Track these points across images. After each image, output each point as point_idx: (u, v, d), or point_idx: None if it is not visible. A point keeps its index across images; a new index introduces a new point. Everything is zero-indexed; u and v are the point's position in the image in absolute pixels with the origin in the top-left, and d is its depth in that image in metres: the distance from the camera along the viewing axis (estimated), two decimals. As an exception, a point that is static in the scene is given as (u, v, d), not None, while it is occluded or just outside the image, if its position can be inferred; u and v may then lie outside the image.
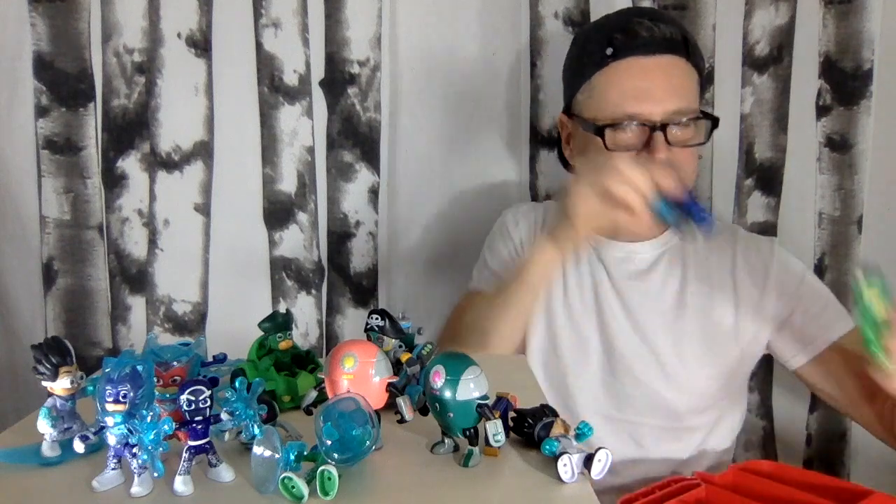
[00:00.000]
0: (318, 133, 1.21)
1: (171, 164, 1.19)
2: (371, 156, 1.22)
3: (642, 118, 0.93)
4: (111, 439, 0.51)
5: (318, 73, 1.19)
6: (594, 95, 0.98)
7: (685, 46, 0.97)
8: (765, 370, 1.22)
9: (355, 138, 1.21)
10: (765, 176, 1.21)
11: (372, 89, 1.19)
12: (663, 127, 0.93)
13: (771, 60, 1.18)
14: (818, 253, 1.21)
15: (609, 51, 0.96)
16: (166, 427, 0.51)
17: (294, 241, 1.23)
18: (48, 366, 0.57)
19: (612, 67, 0.95)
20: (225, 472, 0.54)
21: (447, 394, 0.54)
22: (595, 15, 1.17)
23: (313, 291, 1.24)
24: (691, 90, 0.98)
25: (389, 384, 0.60)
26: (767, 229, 1.22)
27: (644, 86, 0.94)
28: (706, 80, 1.17)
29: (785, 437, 1.26)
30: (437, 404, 0.56)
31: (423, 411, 0.61)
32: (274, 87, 1.19)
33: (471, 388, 0.54)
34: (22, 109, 1.17)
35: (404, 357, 0.65)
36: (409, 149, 1.23)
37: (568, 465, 0.52)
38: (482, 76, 1.20)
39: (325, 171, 1.22)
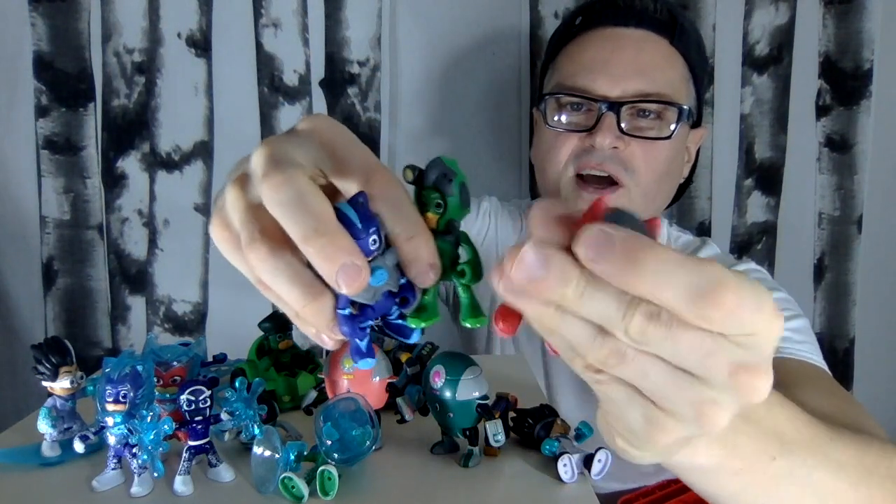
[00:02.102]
0: (319, 133, 1.21)
1: (171, 164, 1.19)
2: (371, 156, 1.21)
3: (595, 93, 0.77)
4: (111, 439, 0.51)
5: (318, 73, 1.18)
6: (554, 73, 0.84)
7: (671, 28, 0.80)
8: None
9: (355, 138, 1.21)
10: (765, 176, 1.21)
11: (372, 89, 1.19)
12: (619, 109, 0.76)
13: (771, 60, 1.18)
14: (818, 253, 1.21)
15: (578, 20, 0.82)
16: (166, 427, 0.51)
17: (294, 241, 1.23)
18: (48, 366, 0.57)
19: (579, 38, 0.81)
20: (225, 472, 0.54)
21: (447, 394, 0.54)
22: (595, 15, 1.16)
23: (313, 291, 1.24)
24: (668, 78, 0.79)
25: (389, 384, 0.61)
26: (767, 229, 1.22)
27: (603, 56, 0.78)
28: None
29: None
30: (437, 404, 0.56)
31: (423, 411, 0.61)
32: (274, 87, 1.19)
33: (471, 388, 0.54)
34: (22, 109, 1.17)
35: (404, 357, 0.65)
36: (409, 149, 1.23)
37: (568, 465, 0.52)
38: (482, 76, 1.20)
39: (324, 171, 1.22)
